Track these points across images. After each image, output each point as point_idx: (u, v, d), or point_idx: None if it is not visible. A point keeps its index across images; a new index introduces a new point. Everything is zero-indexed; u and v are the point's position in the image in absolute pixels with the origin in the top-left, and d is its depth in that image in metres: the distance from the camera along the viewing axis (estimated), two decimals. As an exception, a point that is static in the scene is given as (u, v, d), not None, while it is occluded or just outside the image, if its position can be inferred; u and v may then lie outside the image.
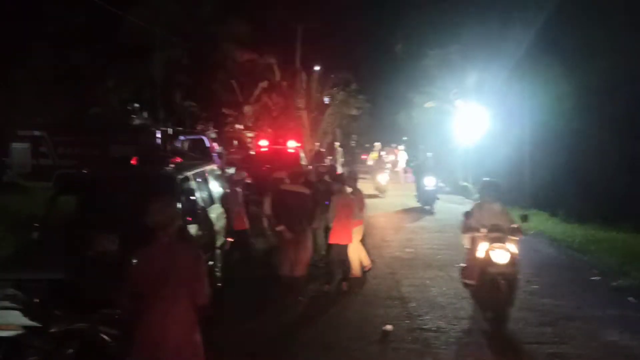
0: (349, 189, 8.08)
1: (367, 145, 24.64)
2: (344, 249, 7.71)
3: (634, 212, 12.44)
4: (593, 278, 8.54)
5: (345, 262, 7.78)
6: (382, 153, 22.25)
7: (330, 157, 24.40)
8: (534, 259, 9.91)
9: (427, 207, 15.51)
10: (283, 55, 28.30)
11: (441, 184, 17.66)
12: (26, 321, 4.29)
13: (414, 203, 16.36)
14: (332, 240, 7.70)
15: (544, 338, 5.96)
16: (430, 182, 15.69)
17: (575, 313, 6.80)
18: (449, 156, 21.82)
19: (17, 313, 4.50)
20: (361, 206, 8.23)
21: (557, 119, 15.26)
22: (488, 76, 18.44)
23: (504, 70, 17.38)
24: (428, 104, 22.04)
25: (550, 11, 15.48)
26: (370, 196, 16.12)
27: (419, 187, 16.32)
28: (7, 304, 4.60)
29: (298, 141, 15.97)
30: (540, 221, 13.44)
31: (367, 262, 8.45)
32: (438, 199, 15.92)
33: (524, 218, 7.14)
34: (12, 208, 10.51)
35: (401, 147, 22.43)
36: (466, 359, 5.51)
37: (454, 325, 6.34)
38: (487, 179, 7.35)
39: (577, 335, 6.01)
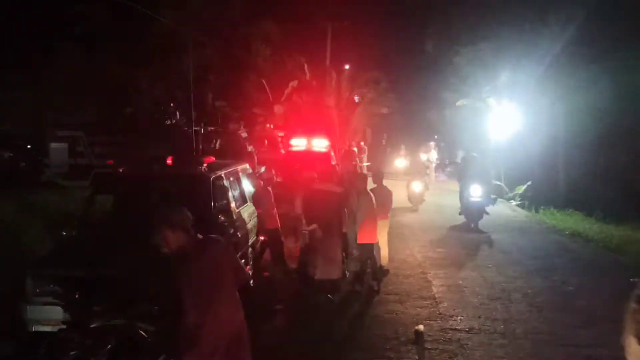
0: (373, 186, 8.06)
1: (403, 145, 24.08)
2: (371, 247, 7.68)
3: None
4: (633, 279, 8.29)
5: (373, 261, 7.75)
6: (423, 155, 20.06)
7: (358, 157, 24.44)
8: (570, 260, 9.74)
9: (472, 226, 12.44)
10: (313, 54, 28.34)
11: (493, 195, 13.77)
12: (66, 317, 4.43)
13: (445, 201, 16.12)
14: (360, 240, 7.65)
15: (579, 340, 5.84)
16: (476, 192, 12.49)
17: (613, 315, 6.58)
18: (481, 155, 21.53)
19: (58, 309, 4.65)
20: (385, 203, 8.15)
21: (593, 118, 14.92)
22: (521, 74, 18.12)
23: (538, 67, 17.08)
24: (459, 102, 21.76)
25: (589, 6, 15.14)
26: (400, 209, 14.17)
27: (463, 197, 13.00)
28: (48, 299, 4.76)
29: (329, 140, 15.94)
30: (576, 221, 13.18)
31: (385, 261, 8.35)
32: (487, 213, 12.63)
33: None
34: (50, 206, 10.80)
35: (432, 143, 21.60)
36: (499, 360, 5.44)
37: (487, 326, 6.28)
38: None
39: (615, 339, 5.83)
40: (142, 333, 4.23)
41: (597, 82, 14.38)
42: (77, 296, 4.65)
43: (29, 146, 17.70)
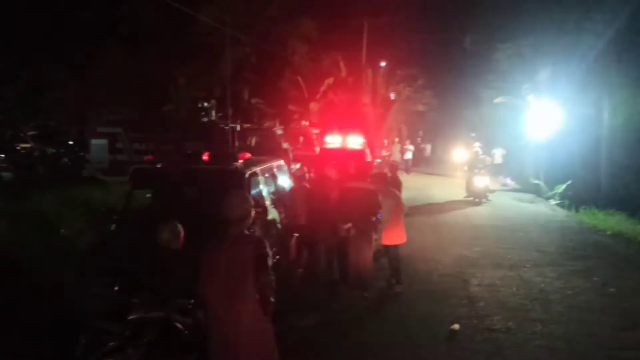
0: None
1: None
2: (396, 249, 7.58)
3: None
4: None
5: (400, 263, 7.63)
6: (477, 149, 18.99)
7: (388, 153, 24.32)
8: (611, 261, 9.45)
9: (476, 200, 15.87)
10: (349, 51, 28.27)
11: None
12: (106, 308, 4.54)
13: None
14: (385, 241, 7.49)
15: (623, 343, 5.67)
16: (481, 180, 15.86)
17: (657, 318, 6.43)
18: (520, 153, 21.10)
19: (98, 301, 4.78)
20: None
21: (638, 116, 14.43)
22: (562, 71, 17.65)
23: (581, 65, 16.60)
24: (498, 100, 21.37)
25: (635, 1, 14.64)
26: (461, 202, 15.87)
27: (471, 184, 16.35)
28: (93, 290, 4.90)
29: (364, 137, 15.84)
30: (618, 221, 12.77)
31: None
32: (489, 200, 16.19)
33: None
34: (92, 201, 11.09)
35: (477, 143, 20.64)
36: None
37: (525, 326, 6.15)
38: None
39: (658, 342, 5.69)
40: (179, 326, 4.30)
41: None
42: (116, 288, 4.77)
43: (71, 142, 18.24)
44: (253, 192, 6.68)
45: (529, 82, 19.06)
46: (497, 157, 21.36)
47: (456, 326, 6.11)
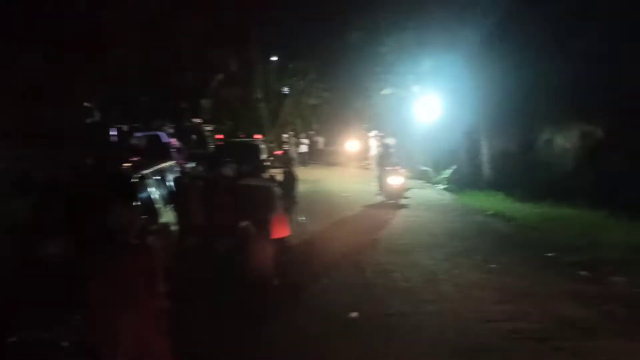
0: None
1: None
2: (281, 242, 7.59)
3: (586, 189, 12.92)
4: (548, 254, 8.84)
5: (285, 256, 7.67)
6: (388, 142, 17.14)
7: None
8: (492, 239, 10.23)
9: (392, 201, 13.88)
10: (239, 46, 28.00)
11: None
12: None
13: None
14: (274, 234, 7.41)
15: (503, 315, 6.16)
16: (395, 179, 13.86)
17: (531, 290, 7.05)
18: (408, 142, 22.09)
19: None
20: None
21: (510, 105, 15.59)
22: (444, 62, 18.64)
23: (461, 56, 17.59)
24: (385, 91, 22.23)
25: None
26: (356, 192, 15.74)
27: (382, 181, 14.36)
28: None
29: (258, 133, 15.82)
30: (498, 202, 13.82)
31: None
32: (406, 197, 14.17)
33: None
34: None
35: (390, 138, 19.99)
36: (431, 341, 5.61)
37: (418, 308, 6.48)
38: None
39: (533, 311, 6.24)
40: (65, 344, 4.07)
41: (517, 70, 14.97)
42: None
43: None
44: (143, 196, 6.46)
45: (414, 73, 19.99)
46: (386, 146, 22.20)
47: (354, 314, 6.29)
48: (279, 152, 23.40)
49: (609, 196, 11.78)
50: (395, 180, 13.96)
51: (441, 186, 17.94)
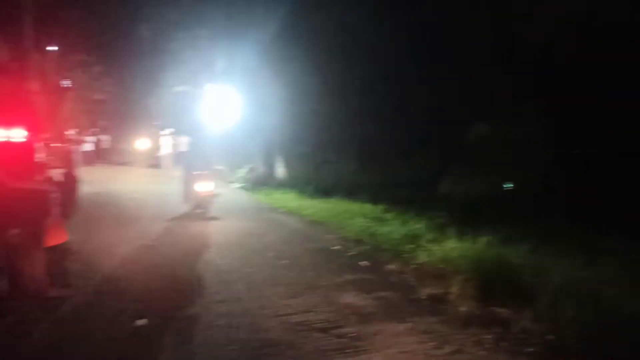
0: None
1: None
2: (54, 250, 6.92)
3: (367, 185, 14.21)
4: (333, 248, 9.45)
5: (60, 264, 6.99)
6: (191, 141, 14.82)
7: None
8: (284, 235, 10.59)
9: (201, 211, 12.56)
10: (10, 32, 24.70)
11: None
12: None
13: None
14: (49, 242, 6.65)
15: (290, 309, 6.34)
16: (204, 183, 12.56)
17: (318, 282, 7.42)
18: (203, 141, 21.81)
19: None
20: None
21: (305, 107, 16.37)
22: (237, 62, 18.79)
23: (252, 58, 17.88)
24: (177, 88, 21.65)
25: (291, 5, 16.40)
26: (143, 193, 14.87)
27: (187, 185, 12.94)
28: None
29: (32, 129, 14.07)
30: (290, 199, 14.42)
31: None
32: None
33: None
34: None
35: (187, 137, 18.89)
36: (220, 342, 5.51)
37: (210, 310, 6.31)
38: None
39: (319, 303, 6.56)
40: None
41: (305, 74, 15.74)
42: None
43: None
44: None
45: (206, 71, 19.81)
46: (183, 146, 21.69)
47: (142, 321, 5.92)
48: (59, 151, 21.23)
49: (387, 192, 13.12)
50: (204, 187, 12.63)
51: (237, 185, 18.09)
